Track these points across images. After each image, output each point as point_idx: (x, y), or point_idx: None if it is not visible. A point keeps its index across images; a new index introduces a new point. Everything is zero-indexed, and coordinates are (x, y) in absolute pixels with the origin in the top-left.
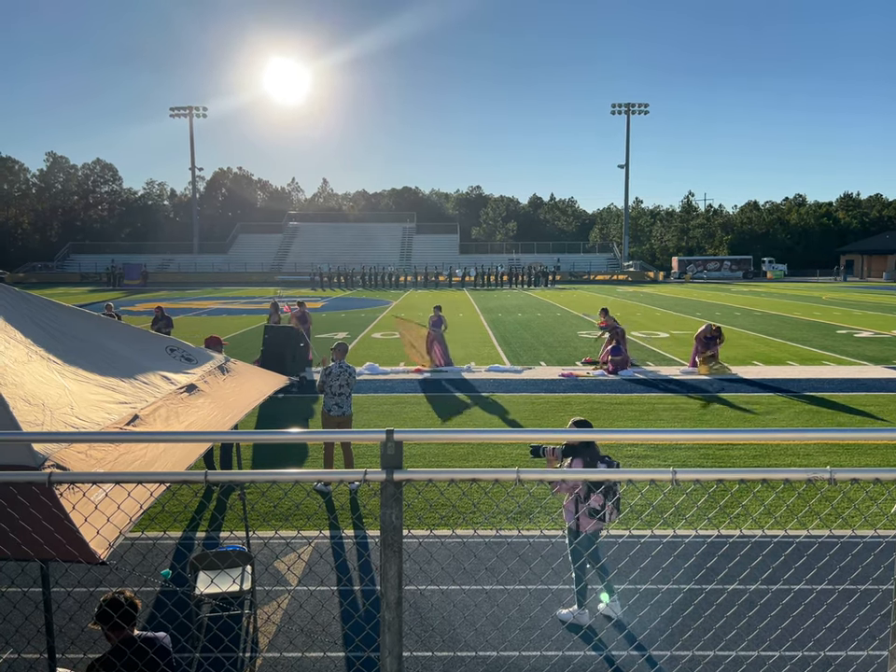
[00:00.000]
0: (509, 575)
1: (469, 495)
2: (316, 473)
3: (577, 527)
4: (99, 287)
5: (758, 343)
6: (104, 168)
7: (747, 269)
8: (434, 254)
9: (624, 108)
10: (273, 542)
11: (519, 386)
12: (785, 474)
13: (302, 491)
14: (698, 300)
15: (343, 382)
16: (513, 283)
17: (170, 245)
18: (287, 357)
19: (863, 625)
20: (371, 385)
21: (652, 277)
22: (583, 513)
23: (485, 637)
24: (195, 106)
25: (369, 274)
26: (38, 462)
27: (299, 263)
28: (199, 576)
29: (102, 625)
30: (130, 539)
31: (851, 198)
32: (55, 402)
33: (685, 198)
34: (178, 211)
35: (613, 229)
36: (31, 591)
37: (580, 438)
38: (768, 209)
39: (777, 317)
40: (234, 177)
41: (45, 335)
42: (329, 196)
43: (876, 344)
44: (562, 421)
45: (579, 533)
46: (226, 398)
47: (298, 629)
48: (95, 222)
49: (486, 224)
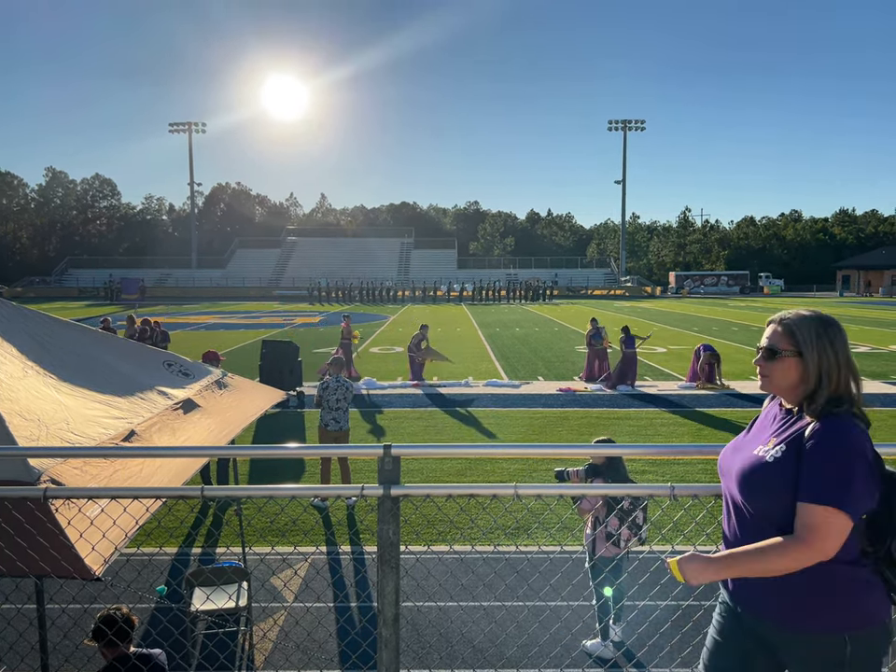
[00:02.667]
0: (506, 591)
1: (466, 510)
2: (313, 489)
3: (593, 550)
4: (97, 302)
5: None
6: (102, 183)
7: (744, 284)
8: (432, 269)
9: (621, 125)
10: (270, 558)
11: (517, 401)
12: None
13: (299, 506)
14: (695, 315)
15: (341, 396)
16: (511, 298)
17: (168, 260)
18: (285, 372)
19: None
20: (368, 399)
21: (650, 292)
22: (600, 537)
23: (483, 653)
24: (194, 122)
25: (367, 289)
26: (34, 477)
27: (297, 278)
28: (194, 592)
29: (97, 642)
30: (125, 554)
31: (847, 213)
32: (51, 417)
33: (682, 213)
34: (177, 226)
35: (610, 244)
36: (25, 607)
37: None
38: (764, 224)
39: None
40: (233, 192)
41: (41, 350)
42: (328, 211)
43: (874, 359)
44: (560, 436)
45: (593, 556)
46: (223, 412)
47: (294, 646)
48: (94, 237)
49: (484, 239)
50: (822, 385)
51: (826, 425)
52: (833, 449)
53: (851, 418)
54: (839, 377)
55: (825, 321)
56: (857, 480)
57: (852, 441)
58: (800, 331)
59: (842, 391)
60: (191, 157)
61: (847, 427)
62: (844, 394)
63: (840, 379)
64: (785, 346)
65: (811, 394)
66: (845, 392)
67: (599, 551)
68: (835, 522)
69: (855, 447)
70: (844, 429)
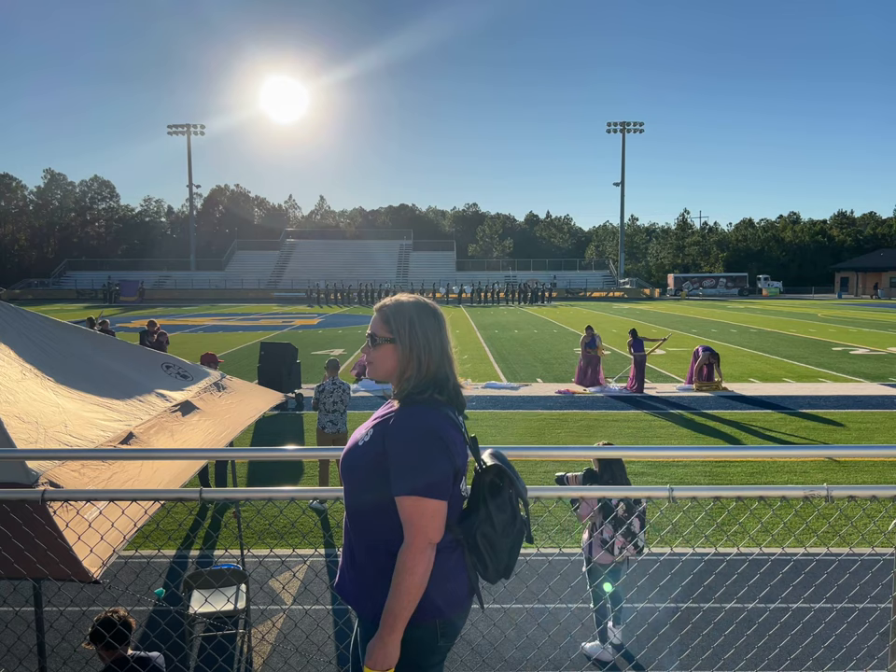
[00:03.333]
0: (505, 593)
1: None
2: (312, 491)
3: (589, 555)
4: (95, 304)
5: (754, 360)
6: (101, 185)
7: (742, 286)
8: (431, 271)
9: (620, 127)
10: (268, 560)
11: (515, 403)
12: (782, 491)
13: (298, 509)
14: (694, 317)
15: (337, 398)
16: (510, 300)
17: (167, 262)
18: (283, 374)
19: (862, 644)
20: (366, 402)
21: (648, 294)
22: (596, 543)
23: (482, 655)
24: (193, 124)
25: (366, 291)
26: (32, 480)
27: (296, 280)
28: (193, 595)
29: (95, 645)
30: (123, 557)
31: (845, 215)
32: (49, 420)
33: (680, 215)
34: (175, 228)
35: (609, 246)
36: (23, 610)
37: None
38: (763, 227)
39: (772, 334)
40: (231, 194)
41: (40, 352)
42: (327, 213)
43: (872, 362)
44: (558, 438)
45: (591, 561)
46: (221, 415)
47: (293, 649)
48: (92, 239)
49: (483, 241)
50: (413, 372)
51: (403, 411)
52: (407, 435)
53: (433, 403)
54: (430, 363)
55: (420, 308)
56: (435, 463)
57: (426, 424)
58: (394, 318)
59: (434, 377)
60: (190, 159)
61: (421, 412)
62: (436, 380)
63: (430, 365)
64: (382, 333)
65: (403, 380)
66: (437, 378)
67: (595, 556)
68: (428, 508)
69: (429, 431)
70: (418, 413)
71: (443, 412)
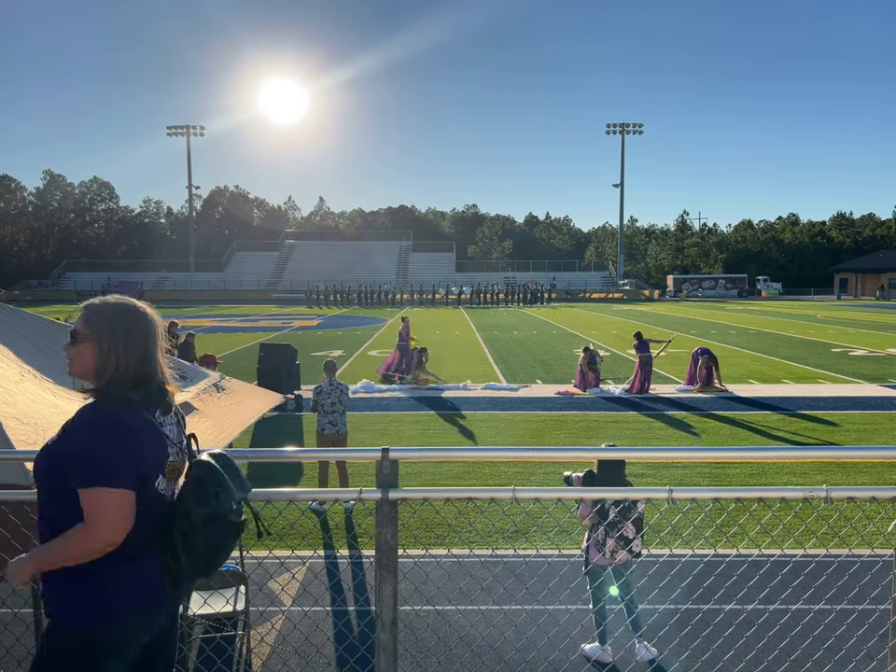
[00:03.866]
0: (505, 595)
1: (464, 513)
2: (312, 492)
3: (588, 556)
4: None
5: (753, 361)
6: (100, 186)
7: (742, 287)
8: (430, 272)
9: (619, 128)
10: (267, 562)
11: (515, 404)
12: (781, 493)
13: (297, 510)
14: (693, 318)
15: (335, 399)
16: (509, 301)
17: (166, 263)
18: (283, 375)
19: (861, 645)
20: (366, 403)
21: (648, 295)
22: (593, 545)
23: (481, 657)
24: (192, 125)
25: (365, 292)
26: (30, 481)
27: (295, 281)
28: (192, 596)
29: None
30: None
31: (844, 217)
32: (48, 421)
33: (680, 217)
34: (175, 229)
35: (608, 247)
36: (21, 612)
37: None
38: (762, 228)
39: (772, 335)
40: (231, 196)
41: (38, 353)
42: (326, 214)
43: (871, 363)
44: (558, 439)
45: (589, 562)
46: (220, 415)
47: (292, 650)
48: (92, 240)
49: (482, 242)
50: (111, 371)
51: (85, 408)
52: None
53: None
54: (128, 364)
55: (124, 309)
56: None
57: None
58: (95, 318)
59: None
60: (189, 160)
61: (101, 409)
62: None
63: (128, 365)
64: (83, 331)
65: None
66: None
67: (593, 558)
68: (109, 500)
69: (109, 426)
70: (98, 411)
71: (136, 410)
